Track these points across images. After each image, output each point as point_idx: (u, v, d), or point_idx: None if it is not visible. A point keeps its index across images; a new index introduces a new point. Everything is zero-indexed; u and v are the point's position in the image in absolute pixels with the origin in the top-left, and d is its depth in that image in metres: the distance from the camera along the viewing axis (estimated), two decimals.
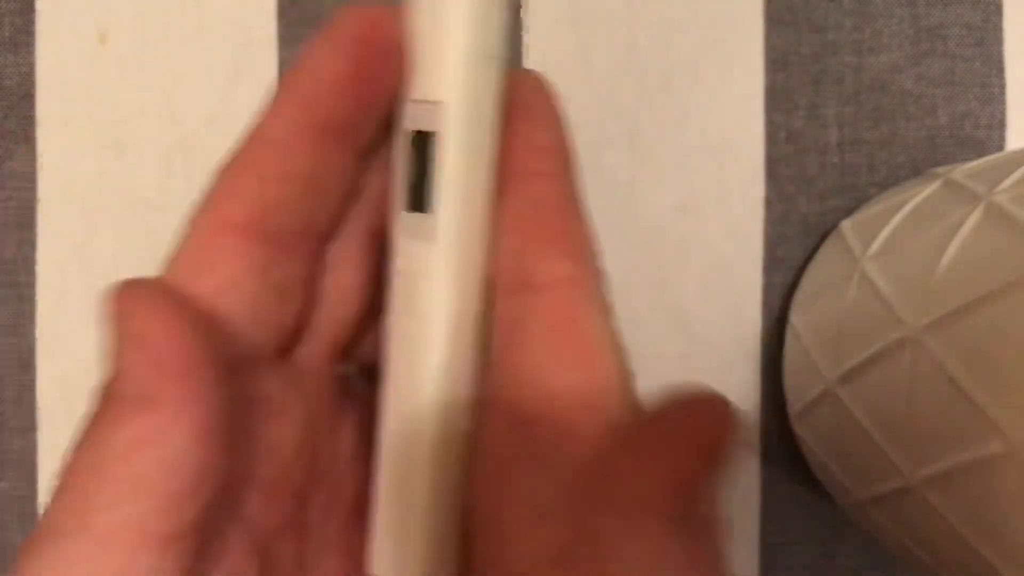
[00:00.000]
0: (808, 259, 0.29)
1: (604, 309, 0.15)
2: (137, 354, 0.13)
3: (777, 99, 0.29)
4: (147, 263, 0.28)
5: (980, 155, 0.29)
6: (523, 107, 0.16)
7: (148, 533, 0.13)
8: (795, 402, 0.27)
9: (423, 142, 0.15)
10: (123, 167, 0.28)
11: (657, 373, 0.29)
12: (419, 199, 0.16)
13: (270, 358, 0.16)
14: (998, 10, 0.29)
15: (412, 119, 0.16)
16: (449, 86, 0.15)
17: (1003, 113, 0.29)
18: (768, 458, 0.29)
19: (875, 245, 0.25)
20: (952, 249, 0.21)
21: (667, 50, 0.29)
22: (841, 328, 0.24)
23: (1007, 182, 0.21)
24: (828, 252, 0.28)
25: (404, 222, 0.16)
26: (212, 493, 0.14)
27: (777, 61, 0.29)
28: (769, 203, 0.29)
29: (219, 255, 0.15)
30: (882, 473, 0.22)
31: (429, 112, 0.15)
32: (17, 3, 0.28)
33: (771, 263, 0.29)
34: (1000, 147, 0.29)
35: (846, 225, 0.27)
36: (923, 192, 0.25)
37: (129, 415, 0.13)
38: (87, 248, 0.28)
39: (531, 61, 0.29)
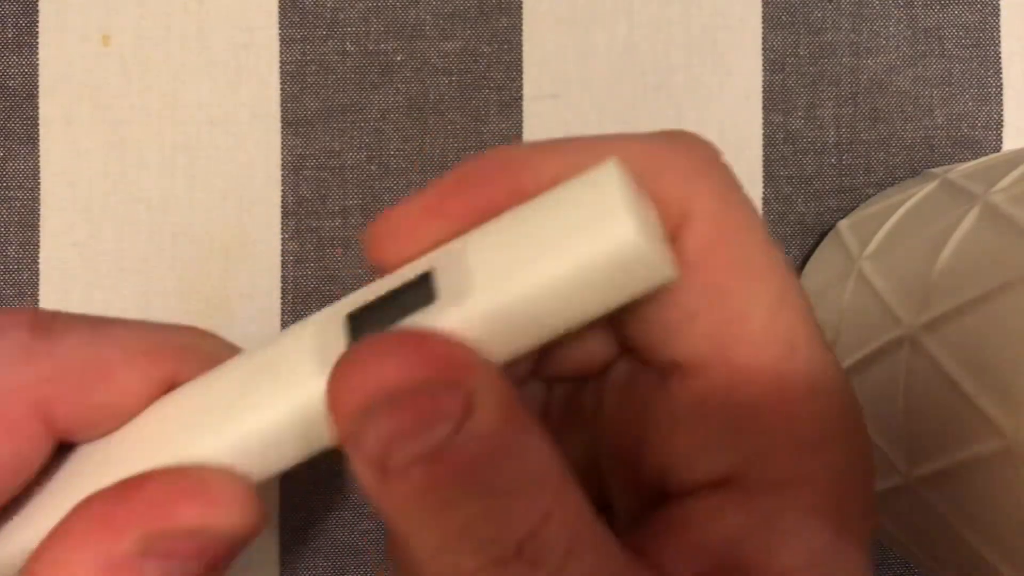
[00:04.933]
0: (806, 259, 0.29)
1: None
2: None
3: (775, 100, 0.29)
4: (149, 263, 0.28)
5: (977, 155, 0.29)
6: None
7: None
8: None
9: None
10: (125, 167, 0.28)
11: None
12: None
13: None
14: (995, 11, 0.29)
15: None
16: None
17: (1000, 113, 0.29)
18: None
19: (872, 245, 0.25)
20: (949, 249, 0.21)
21: (665, 51, 0.29)
22: (839, 327, 0.24)
23: (1004, 182, 0.21)
24: (826, 252, 0.28)
25: None
26: None
27: (775, 62, 0.29)
28: (767, 203, 0.29)
29: None
30: (880, 472, 0.22)
31: None
32: (20, 4, 0.28)
33: None
34: (997, 147, 0.29)
35: (843, 225, 0.28)
36: (920, 192, 0.25)
37: None
38: (89, 248, 0.28)
39: (530, 61, 0.29)
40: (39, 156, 0.28)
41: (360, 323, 0.15)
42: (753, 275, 0.15)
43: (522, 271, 0.15)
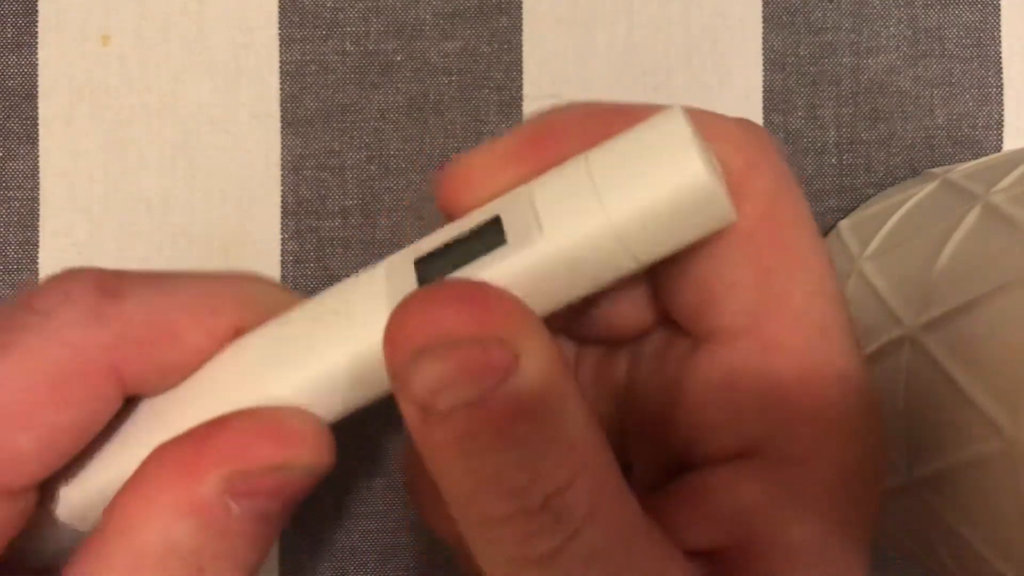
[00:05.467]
0: None
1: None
2: None
3: (775, 100, 0.29)
4: (149, 263, 0.28)
5: (977, 155, 0.29)
6: None
7: None
8: None
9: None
10: (125, 167, 0.28)
11: None
12: None
13: None
14: (996, 11, 0.29)
15: None
16: None
17: (1000, 113, 0.29)
18: None
19: (873, 245, 0.25)
20: (949, 249, 0.21)
21: (665, 50, 0.29)
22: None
23: (1004, 182, 0.21)
24: None
25: None
26: None
27: (775, 62, 0.29)
28: None
29: None
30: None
31: None
32: (20, 4, 0.28)
33: None
34: (997, 147, 0.29)
35: (844, 225, 0.28)
36: (921, 192, 0.25)
37: None
38: (89, 248, 0.28)
39: (530, 61, 0.29)
40: (38, 156, 0.28)
41: (428, 267, 0.16)
42: (798, 259, 0.16)
43: (588, 213, 0.15)
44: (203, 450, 0.15)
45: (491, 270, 0.15)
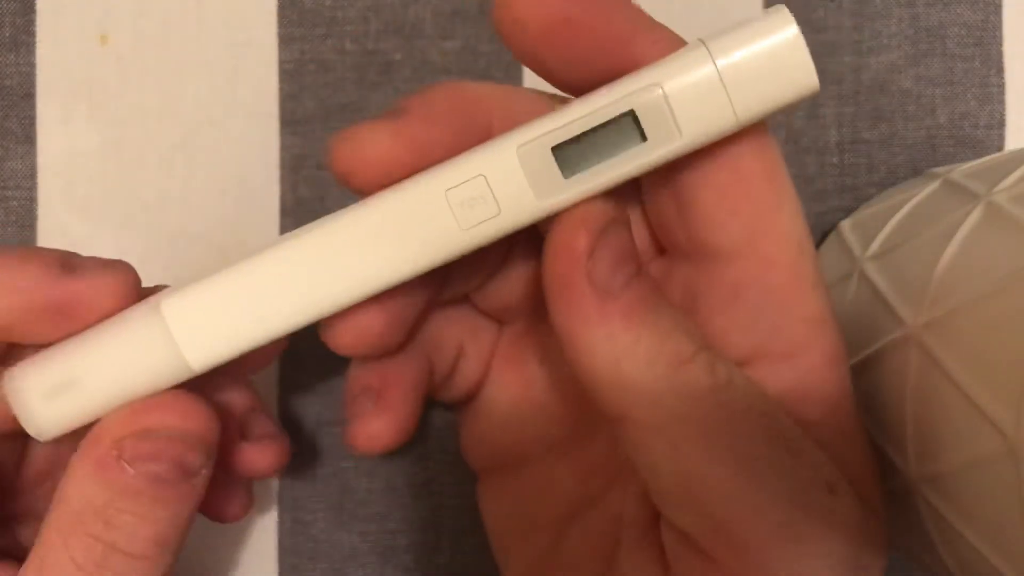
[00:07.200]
0: None
1: None
2: None
3: None
4: (147, 263, 0.28)
5: (979, 155, 0.29)
6: None
7: None
8: None
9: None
10: (123, 167, 0.28)
11: None
12: None
13: None
14: (997, 10, 0.29)
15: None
16: None
17: (1002, 113, 0.29)
18: None
19: (874, 245, 0.25)
20: (951, 249, 0.21)
21: None
22: (841, 327, 0.24)
23: (1006, 182, 0.21)
24: (827, 252, 0.28)
25: None
26: None
27: None
28: None
29: None
30: (881, 472, 0.22)
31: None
32: (18, 3, 0.28)
33: None
34: (999, 147, 0.29)
35: (845, 225, 0.27)
36: (922, 192, 0.25)
37: None
38: (87, 248, 0.28)
39: None
40: (36, 155, 0.28)
41: (567, 158, 0.17)
42: (783, 187, 0.19)
43: (723, 119, 0.17)
44: (103, 426, 0.18)
45: (630, 167, 0.17)
